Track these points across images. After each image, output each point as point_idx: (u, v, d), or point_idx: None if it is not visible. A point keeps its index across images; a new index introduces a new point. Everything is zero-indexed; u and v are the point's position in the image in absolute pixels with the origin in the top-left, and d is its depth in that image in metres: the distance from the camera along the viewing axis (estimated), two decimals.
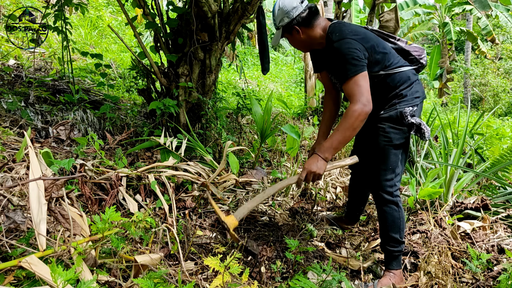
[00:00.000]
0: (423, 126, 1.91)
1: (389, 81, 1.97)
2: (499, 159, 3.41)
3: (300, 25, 1.97)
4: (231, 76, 10.43)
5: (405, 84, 1.98)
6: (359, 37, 1.86)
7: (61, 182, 1.44)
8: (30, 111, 2.96)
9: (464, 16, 19.76)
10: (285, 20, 1.96)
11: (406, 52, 2.08)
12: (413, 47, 2.09)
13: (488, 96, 16.27)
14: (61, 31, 3.61)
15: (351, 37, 1.85)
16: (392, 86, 1.97)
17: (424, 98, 2.05)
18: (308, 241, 2.37)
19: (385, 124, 1.97)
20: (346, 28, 1.90)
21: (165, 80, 3.22)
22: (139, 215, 1.54)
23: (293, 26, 1.97)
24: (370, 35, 1.94)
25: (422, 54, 2.07)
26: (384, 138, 1.97)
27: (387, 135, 1.97)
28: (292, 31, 1.99)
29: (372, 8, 6.25)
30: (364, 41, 1.87)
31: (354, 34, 1.87)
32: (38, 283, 1.17)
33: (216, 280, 1.44)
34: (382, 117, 1.98)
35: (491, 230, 2.39)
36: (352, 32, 1.87)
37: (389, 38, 2.10)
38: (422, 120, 2.01)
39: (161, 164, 2.60)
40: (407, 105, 1.95)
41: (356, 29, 1.92)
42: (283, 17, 1.96)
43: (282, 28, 2.00)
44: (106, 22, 9.15)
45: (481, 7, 10.69)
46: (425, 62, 2.09)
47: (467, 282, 2.01)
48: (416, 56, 2.07)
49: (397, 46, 2.08)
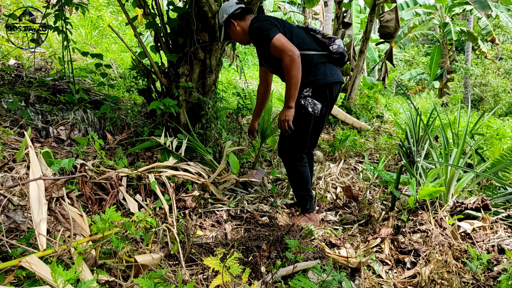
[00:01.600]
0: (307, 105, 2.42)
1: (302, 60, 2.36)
2: (500, 159, 3.41)
3: (235, 18, 2.45)
4: (231, 76, 10.43)
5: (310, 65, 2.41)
6: (269, 20, 2.34)
7: (61, 182, 1.44)
8: (30, 111, 2.96)
9: (465, 16, 19.76)
10: (224, 16, 2.45)
11: (321, 42, 2.48)
12: (327, 37, 2.49)
13: (488, 96, 16.26)
14: (62, 31, 3.61)
15: (261, 19, 2.36)
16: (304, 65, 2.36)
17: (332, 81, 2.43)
18: (308, 241, 2.37)
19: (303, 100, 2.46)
20: (260, 17, 2.42)
21: (166, 80, 3.22)
22: (139, 215, 1.54)
23: (229, 20, 2.45)
24: (283, 22, 2.41)
25: (332, 43, 2.45)
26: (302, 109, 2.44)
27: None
28: (230, 25, 2.47)
29: (373, 8, 6.25)
30: (274, 22, 2.34)
31: (264, 19, 2.35)
32: (38, 283, 1.17)
33: (216, 280, 1.44)
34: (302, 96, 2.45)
35: (491, 230, 2.39)
36: (263, 18, 2.38)
37: (310, 32, 2.53)
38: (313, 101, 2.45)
39: (161, 164, 2.60)
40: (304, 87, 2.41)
41: (268, 17, 2.40)
42: (222, 14, 2.47)
43: (224, 24, 2.48)
44: (107, 22, 9.15)
45: (481, 8, 10.69)
46: (334, 49, 2.44)
47: (467, 282, 2.01)
48: (327, 44, 2.46)
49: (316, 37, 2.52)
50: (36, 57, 5.00)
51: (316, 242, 2.38)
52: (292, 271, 1.85)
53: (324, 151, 4.34)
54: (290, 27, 2.44)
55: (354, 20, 11.95)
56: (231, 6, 2.46)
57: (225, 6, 2.48)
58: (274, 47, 2.24)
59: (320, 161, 3.96)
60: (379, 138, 5.26)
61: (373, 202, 3.02)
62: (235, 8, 2.45)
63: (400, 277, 2.17)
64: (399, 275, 2.20)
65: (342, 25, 6.81)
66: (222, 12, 2.48)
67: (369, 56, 14.96)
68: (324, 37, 2.49)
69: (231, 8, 2.46)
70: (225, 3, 2.50)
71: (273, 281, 1.78)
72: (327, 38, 2.48)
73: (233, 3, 2.47)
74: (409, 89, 20.32)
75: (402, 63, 23.04)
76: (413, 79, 20.20)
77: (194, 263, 1.87)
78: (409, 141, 4.35)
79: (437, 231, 2.31)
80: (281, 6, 17.32)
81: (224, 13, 2.46)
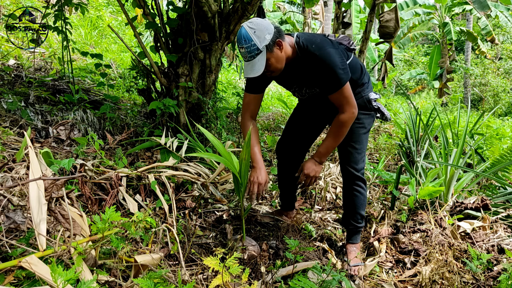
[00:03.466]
0: (383, 109, 2.15)
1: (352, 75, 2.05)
2: (499, 159, 3.41)
3: (281, 37, 1.84)
4: (231, 76, 10.43)
5: (358, 72, 2.11)
6: (333, 47, 1.91)
7: (61, 182, 1.44)
8: (30, 111, 2.96)
9: (464, 16, 19.76)
10: (268, 37, 1.78)
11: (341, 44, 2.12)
12: (342, 38, 2.13)
13: (488, 96, 16.26)
14: (61, 31, 3.61)
15: (329, 47, 1.87)
16: (353, 77, 2.04)
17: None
18: (308, 241, 2.37)
19: None
20: (316, 39, 1.92)
21: (165, 80, 3.22)
22: (139, 215, 1.54)
23: (276, 41, 1.81)
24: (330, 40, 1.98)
25: (350, 41, 2.12)
26: (357, 124, 2.11)
27: (359, 121, 2.11)
28: (273, 48, 1.82)
29: (372, 8, 6.25)
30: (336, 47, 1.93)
31: (327, 44, 1.90)
32: (38, 283, 1.17)
33: (215, 280, 1.44)
34: None
35: (491, 230, 2.39)
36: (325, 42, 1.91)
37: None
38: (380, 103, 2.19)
39: (161, 164, 2.60)
40: (369, 92, 2.14)
41: (323, 38, 1.95)
42: (265, 34, 1.77)
43: (267, 48, 1.79)
44: (106, 22, 9.15)
45: (481, 8, 10.70)
46: (353, 47, 2.14)
47: (467, 282, 2.01)
48: (347, 46, 2.09)
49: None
50: (36, 57, 5.00)
51: (316, 242, 2.38)
52: (292, 271, 1.85)
53: None
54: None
55: (354, 20, 11.94)
56: (268, 23, 1.82)
57: (260, 22, 1.80)
58: (339, 95, 1.90)
59: None
60: (379, 138, 5.26)
61: (373, 202, 3.02)
62: (271, 22, 1.86)
63: (400, 276, 2.17)
64: (399, 274, 2.20)
65: (341, 25, 6.81)
66: (261, 32, 1.77)
67: (369, 56, 14.96)
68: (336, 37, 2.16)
69: (269, 24, 1.82)
70: (254, 21, 1.82)
71: (273, 281, 1.78)
72: (340, 38, 2.15)
73: (264, 19, 1.86)
74: (408, 89, 20.33)
75: (401, 63, 23.04)
76: (412, 79, 20.20)
77: (194, 263, 1.87)
78: (408, 141, 4.35)
79: (437, 231, 2.31)
80: (280, 6, 17.32)
81: (267, 33, 1.78)
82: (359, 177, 2.17)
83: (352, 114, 1.95)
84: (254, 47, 1.77)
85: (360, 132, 2.14)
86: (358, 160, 2.16)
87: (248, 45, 1.77)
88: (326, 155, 2.08)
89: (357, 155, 2.15)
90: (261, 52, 1.78)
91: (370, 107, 2.13)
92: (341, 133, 2.00)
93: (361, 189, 2.19)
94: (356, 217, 2.22)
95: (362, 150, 2.17)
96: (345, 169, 2.18)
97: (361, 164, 2.17)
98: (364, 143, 2.17)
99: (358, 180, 2.17)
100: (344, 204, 2.27)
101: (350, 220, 2.24)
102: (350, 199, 2.21)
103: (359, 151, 2.15)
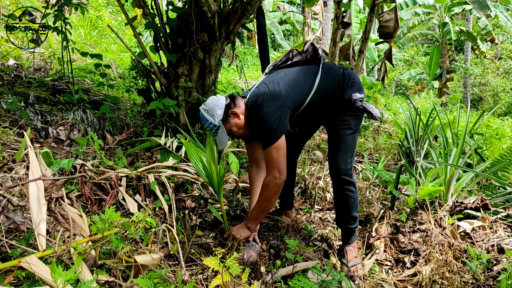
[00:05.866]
0: (370, 108, 2.11)
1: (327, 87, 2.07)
2: (499, 159, 3.41)
3: (232, 107, 2.01)
4: (231, 76, 10.43)
5: (336, 80, 2.08)
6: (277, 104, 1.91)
7: (61, 182, 1.44)
8: (29, 111, 2.96)
9: (464, 16, 19.77)
10: (219, 112, 1.97)
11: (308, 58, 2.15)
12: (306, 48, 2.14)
13: (487, 96, 16.27)
14: (61, 31, 3.61)
15: (268, 105, 1.91)
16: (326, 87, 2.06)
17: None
18: (308, 241, 2.37)
19: (341, 113, 2.12)
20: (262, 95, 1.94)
21: (165, 80, 3.22)
22: (139, 215, 1.54)
23: (229, 113, 1.99)
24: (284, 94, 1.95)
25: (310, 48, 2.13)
26: (343, 125, 2.12)
27: (345, 122, 2.12)
28: (229, 119, 2.00)
29: (372, 8, 6.25)
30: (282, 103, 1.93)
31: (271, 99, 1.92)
32: (38, 283, 1.17)
33: (215, 280, 1.44)
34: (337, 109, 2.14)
35: (491, 230, 2.39)
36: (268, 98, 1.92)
37: (287, 62, 2.18)
38: (367, 103, 2.15)
39: (161, 164, 2.60)
40: (353, 92, 2.08)
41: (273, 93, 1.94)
42: (216, 111, 1.96)
43: (222, 121, 1.98)
44: (106, 22, 9.15)
45: (480, 8, 10.70)
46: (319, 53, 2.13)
47: (467, 282, 2.01)
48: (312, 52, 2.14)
49: (301, 58, 2.16)
50: (36, 58, 4.99)
51: (316, 242, 2.38)
52: (292, 271, 1.85)
53: (324, 151, 4.35)
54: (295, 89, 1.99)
55: (354, 20, 11.95)
56: (217, 99, 2.01)
57: (210, 102, 2.01)
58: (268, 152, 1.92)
59: (320, 161, 3.96)
60: (379, 138, 5.26)
61: (373, 202, 3.02)
62: (223, 97, 2.03)
63: (400, 276, 2.17)
64: (399, 274, 2.21)
65: (341, 25, 6.81)
66: (212, 110, 1.98)
67: (369, 56, 14.96)
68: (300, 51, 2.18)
69: (219, 99, 2.01)
70: (207, 102, 2.03)
71: (273, 281, 1.78)
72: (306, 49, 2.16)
73: (215, 97, 2.03)
74: (408, 89, 20.33)
75: (401, 63, 23.04)
76: (412, 79, 20.20)
77: (194, 263, 1.87)
78: (408, 141, 4.35)
79: (436, 231, 2.31)
80: (280, 6, 17.33)
81: (218, 109, 1.97)
82: (347, 180, 2.14)
83: (274, 179, 1.91)
84: (212, 125, 1.99)
85: (345, 133, 2.12)
86: (345, 160, 2.13)
87: (207, 124, 2.00)
88: (255, 220, 2.06)
89: (342, 155, 2.13)
90: (219, 126, 1.99)
91: (355, 107, 2.09)
92: (264, 197, 1.98)
93: (350, 193, 2.16)
94: (349, 219, 2.21)
95: (348, 150, 2.14)
96: (331, 168, 2.17)
97: (348, 165, 2.14)
98: (349, 143, 2.14)
99: (347, 184, 2.15)
100: (336, 208, 2.27)
101: (344, 222, 2.24)
102: (341, 203, 2.21)
103: (345, 152, 2.13)
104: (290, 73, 2.07)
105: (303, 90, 2.02)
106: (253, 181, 2.29)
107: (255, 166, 2.30)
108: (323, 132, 5.76)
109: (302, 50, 2.15)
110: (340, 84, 2.09)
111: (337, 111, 2.12)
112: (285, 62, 2.20)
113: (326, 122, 2.23)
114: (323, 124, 2.33)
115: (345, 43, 7.31)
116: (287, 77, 2.04)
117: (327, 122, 2.21)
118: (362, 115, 2.16)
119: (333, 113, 2.14)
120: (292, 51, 2.18)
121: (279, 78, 2.03)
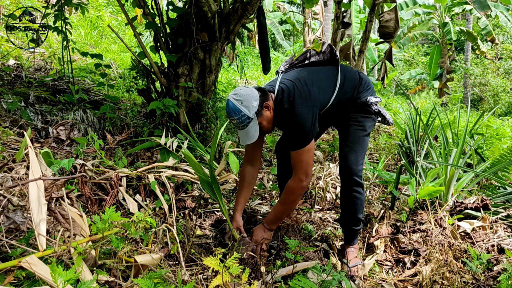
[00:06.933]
0: (384, 113, 2.14)
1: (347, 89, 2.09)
2: (499, 159, 3.41)
3: (266, 100, 1.93)
4: (231, 76, 10.43)
5: (355, 83, 2.12)
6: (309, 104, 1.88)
7: (61, 182, 1.44)
8: (30, 111, 2.96)
9: (464, 16, 19.77)
10: (255, 104, 1.86)
11: (326, 59, 2.13)
12: (324, 49, 2.13)
13: (488, 96, 16.27)
14: (61, 31, 3.61)
15: (301, 106, 1.86)
16: (348, 89, 2.10)
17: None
18: (308, 241, 2.37)
19: (356, 114, 2.15)
20: (292, 93, 1.90)
21: (165, 80, 3.22)
22: (139, 215, 1.54)
23: (263, 105, 1.91)
24: (314, 94, 1.92)
25: (327, 50, 2.12)
26: (357, 126, 2.13)
27: (360, 123, 2.13)
28: (262, 112, 1.91)
29: (372, 8, 6.25)
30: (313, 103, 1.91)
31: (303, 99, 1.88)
32: (38, 283, 1.17)
33: (215, 280, 1.44)
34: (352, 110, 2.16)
35: (491, 230, 2.39)
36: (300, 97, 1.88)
37: (304, 62, 2.14)
38: (382, 107, 2.18)
39: (161, 164, 2.60)
40: (369, 95, 2.12)
41: (303, 92, 1.90)
42: (252, 102, 1.84)
43: (256, 114, 1.88)
44: (106, 22, 9.15)
45: (481, 8, 10.70)
46: (337, 54, 2.14)
47: (467, 282, 2.01)
48: (329, 54, 2.13)
49: (318, 58, 2.13)
50: (36, 57, 4.99)
51: (316, 242, 2.38)
52: (292, 271, 1.85)
53: (324, 151, 4.35)
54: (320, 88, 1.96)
55: (354, 20, 11.95)
56: (251, 90, 1.89)
57: (244, 91, 1.87)
58: (298, 154, 1.88)
59: (320, 161, 3.96)
60: (379, 138, 5.26)
61: (373, 202, 3.02)
62: (256, 91, 1.91)
63: (400, 276, 2.17)
64: (399, 274, 2.21)
65: (341, 25, 6.81)
66: (247, 101, 1.84)
67: (369, 56, 14.97)
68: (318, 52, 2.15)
69: (253, 91, 1.89)
70: (238, 91, 1.88)
71: (273, 281, 1.78)
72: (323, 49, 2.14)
73: (247, 88, 1.92)
74: (408, 89, 20.33)
75: (401, 63, 23.04)
76: (412, 79, 20.20)
77: (194, 263, 1.87)
78: (408, 141, 4.35)
79: (437, 231, 2.31)
80: (280, 6, 17.33)
81: (254, 100, 1.85)
82: (357, 182, 2.12)
83: (301, 182, 1.90)
84: (245, 117, 1.84)
85: (359, 134, 2.13)
86: (357, 161, 2.10)
87: (239, 116, 1.84)
88: (275, 222, 2.07)
89: (355, 156, 2.11)
90: (252, 119, 1.87)
91: (371, 110, 2.11)
92: (288, 200, 1.98)
93: (358, 194, 2.15)
94: (354, 221, 2.20)
95: (361, 151, 2.13)
96: (342, 168, 2.14)
97: (359, 166, 2.12)
98: (362, 145, 2.14)
99: (356, 185, 2.12)
100: (342, 208, 2.24)
101: (348, 223, 2.22)
102: (349, 204, 2.18)
103: (357, 152, 2.11)
104: (313, 73, 2.04)
105: (327, 91, 2.02)
106: (245, 181, 2.21)
107: (250, 165, 2.22)
108: (324, 132, 5.76)
109: (320, 50, 2.13)
110: (357, 87, 2.10)
111: (353, 112, 2.14)
112: (302, 61, 2.16)
113: (340, 123, 2.22)
114: (336, 125, 2.32)
115: (345, 43, 7.30)
116: (313, 77, 2.00)
117: (341, 123, 2.21)
118: (376, 118, 2.17)
119: (349, 114, 2.15)
120: (309, 51, 2.16)
121: (304, 77, 1.98)
